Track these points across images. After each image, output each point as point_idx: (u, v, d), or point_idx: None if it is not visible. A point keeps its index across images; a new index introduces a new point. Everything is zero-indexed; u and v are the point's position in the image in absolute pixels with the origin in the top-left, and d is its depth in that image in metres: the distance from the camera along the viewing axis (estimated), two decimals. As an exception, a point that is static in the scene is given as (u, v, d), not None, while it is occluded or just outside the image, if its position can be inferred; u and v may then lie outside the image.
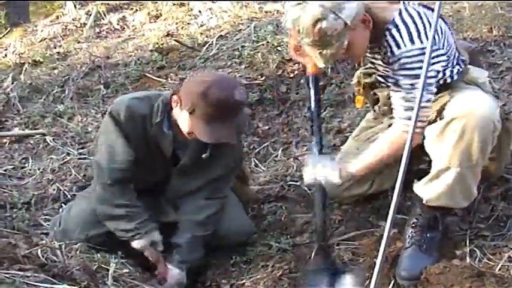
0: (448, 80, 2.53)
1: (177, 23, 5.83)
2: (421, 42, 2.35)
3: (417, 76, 2.35)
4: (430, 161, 2.52)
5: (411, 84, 2.41)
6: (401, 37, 2.38)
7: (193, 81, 2.71)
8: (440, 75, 2.46)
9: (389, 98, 2.69)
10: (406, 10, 2.43)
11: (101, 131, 2.94)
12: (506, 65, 3.78)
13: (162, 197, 3.00)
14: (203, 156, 2.78)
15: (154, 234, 2.82)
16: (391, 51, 2.41)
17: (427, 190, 2.50)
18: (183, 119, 2.64)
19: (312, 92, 2.79)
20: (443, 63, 2.46)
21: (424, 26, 2.38)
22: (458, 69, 2.55)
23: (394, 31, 2.40)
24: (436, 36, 2.42)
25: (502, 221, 2.73)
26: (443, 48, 2.46)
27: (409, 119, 2.43)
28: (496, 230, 2.69)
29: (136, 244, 2.80)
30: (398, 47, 2.38)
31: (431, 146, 2.45)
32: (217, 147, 2.77)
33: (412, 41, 2.37)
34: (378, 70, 2.63)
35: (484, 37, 4.07)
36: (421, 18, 2.41)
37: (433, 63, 2.39)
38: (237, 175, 3.16)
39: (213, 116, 2.54)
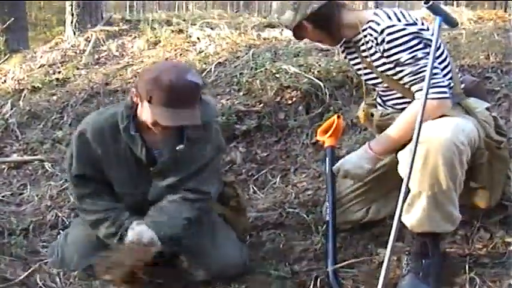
0: None
1: (175, 50, 5.86)
2: (399, 20, 2.58)
3: (411, 48, 2.53)
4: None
5: (411, 57, 2.53)
6: (381, 19, 2.60)
7: (146, 70, 2.88)
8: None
9: (382, 116, 2.81)
10: (382, 9, 2.70)
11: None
12: (504, 92, 3.80)
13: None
14: (178, 148, 2.76)
15: (140, 226, 2.70)
16: (375, 31, 2.59)
17: (409, 217, 2.47)
18: (145, 112, 2.65)
19: (329, 163, 3.00)
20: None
21: (401, 11, 2.64)
22: (449, 83, 2.60)
23: (374, 20, 2.62)
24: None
25: (502, 248, 2.72)
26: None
27: (432, 86, 2.46)
28: (495, 258, 2.67)
29: (127, 241, 2.68)
30: (379, 24, 2.58)
31: (403, 171, 2.45)
32: (193, 140, 2.78)
33: (390, 19, 2.58)
34: (372, 67, 2.73)
35: (481, 64, 4.10)
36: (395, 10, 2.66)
37: (421, 35, 2.56)
38: (232, 206, 3.13)
39: (171, 99, 2.55)
